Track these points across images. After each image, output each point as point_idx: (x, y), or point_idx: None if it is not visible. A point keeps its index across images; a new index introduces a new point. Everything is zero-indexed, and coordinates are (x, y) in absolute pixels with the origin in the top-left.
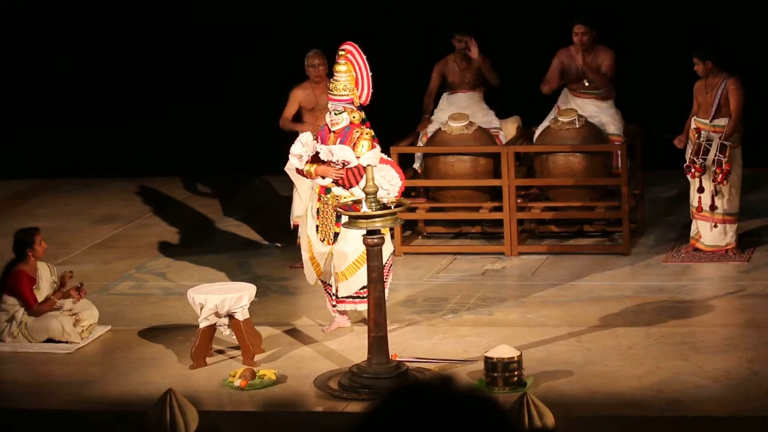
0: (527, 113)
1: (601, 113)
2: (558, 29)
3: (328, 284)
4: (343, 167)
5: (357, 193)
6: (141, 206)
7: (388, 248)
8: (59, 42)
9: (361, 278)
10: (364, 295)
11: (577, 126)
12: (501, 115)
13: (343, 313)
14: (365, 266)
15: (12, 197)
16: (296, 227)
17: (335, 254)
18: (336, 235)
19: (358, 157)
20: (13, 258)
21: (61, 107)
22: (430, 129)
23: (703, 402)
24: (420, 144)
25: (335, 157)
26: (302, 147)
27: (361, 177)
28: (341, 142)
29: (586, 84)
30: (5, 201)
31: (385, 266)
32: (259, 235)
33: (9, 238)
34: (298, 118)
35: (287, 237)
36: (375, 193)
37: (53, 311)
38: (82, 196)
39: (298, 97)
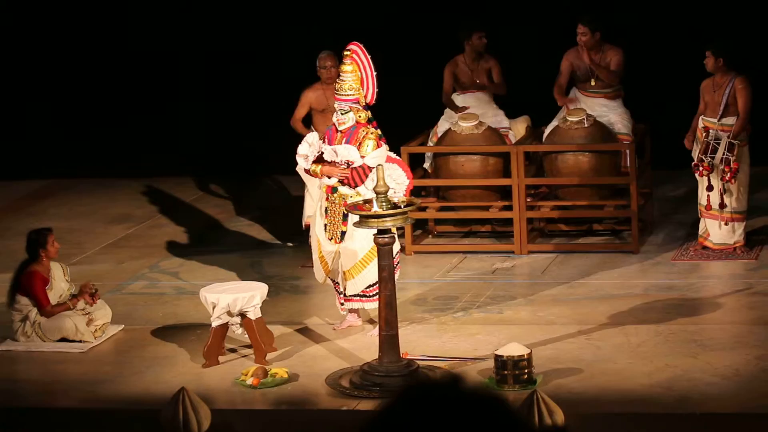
0: (536, 113)
1: (610, 112)
2: (567, 28)
3: (337, 282)
4: (347, 167)
5: (363, 192)
6: (154, 206)
7: (395, 245)
8: (70, 41)
9: (367, 276)
10: (371, 294)
11: (586, 125)
12: (510, 114)
13: (354, 311)
14: (372, 265)
15: (26, 197)
16: (308, 227)
17: (342, 253)
18: (343, 233)
19: (363, 157)
20: (27, 258)
21: (73, 107)
22: (441, 128)
23: (712, 399)
24: (430, 144)
25: (339, 158)
26: (308, 147)
27: (366, 176)
28: (347, 142)
29: (593, 83)
30: (19, 201)
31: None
32: (270, 234)
33: (22, 238)
34: (308, 119)
35: (299, 237)
36: (386, 192)
37: (66, 311)
38: (96, 197)
39: (309, 98)
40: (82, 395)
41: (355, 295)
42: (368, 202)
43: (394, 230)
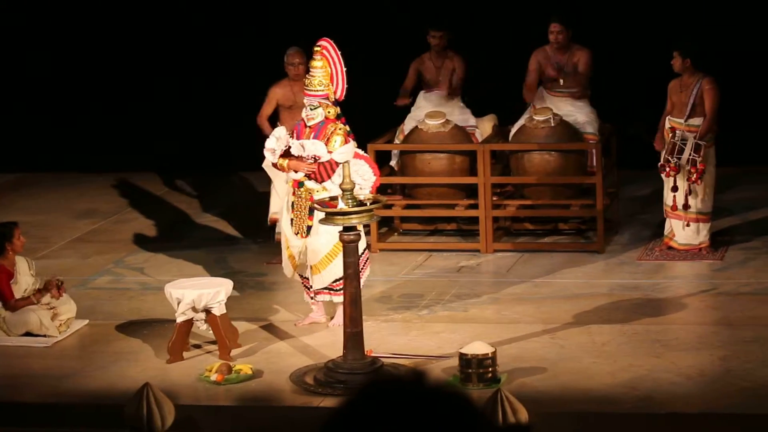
0: (503, 112)
1: (577, 112)
2: (534, 27)
3: (305, 277)
4: (314, 162)
5: (329, 187)
6: (120, 201)
7: (362, 242)
8: (38, 39)
9: (334, 271)
10: (339, 288)
11: (553, 124)
12: (477, 113)
13: (317, 307)
14: (338, 258)
15: None
16: (273, 223)
17: (308, 247)
18: (309, 228)
19: (330, 152)
20: None
21: (43, 102)
22: (407, 126)
23: (676, 399)
24: (397, 141)
25: (306, 152)
26: (276, 141)
27: (333, 171)
28: (315, 137)
29: (561, 83)
30: None
31: (360, 259)
32: (236, 231)
33: None
34: (275, 115)
35: (264, 233)
36: (351, 189)
37: (31, 305)
38: (62, 191)
39: (276, 94)
40: (46, 390)
41: (323, 289)
42: (334, 198)
43: (360, 227)
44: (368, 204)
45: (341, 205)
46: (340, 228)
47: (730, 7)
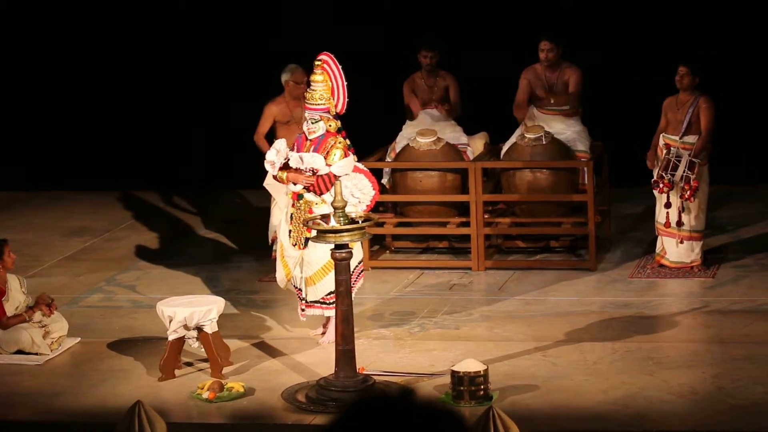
0: (495, 129)
1: (568, 130)
2: (525, 45)
3: (299, 288)
4: (313, 174)
5: (329, 200)
6: (112, 219)
7: (357, 256)
8: (34, 55)
9: (328, 283)
10: (331, 301)
11: (544, 142)
12: (469, 131)
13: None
14: (333, 272)
15: None
16: (274, 241)
17: (305, 259)
18: (307, 240)
19: (329, 165)
20: None
21: (34, 120)
22: (399, 144)
23: (668, 417)
24: (388, 159)
25: (305, 165)
26: (276, 154)
27: (332, 184)
28: (315, 150)
29: (552, 101)
30: None
31: (354, 273)
32: (228, 248)
33: None
34: (272, 132)
35: (262, 250)
36: (343, 207)
37: (22, 323)
38: (54, 209)
39: (273, 112)
40: (37, 408)
41: (315, 302)
42: (326, 216)
43: (352, 245)
44: (360, 222)
45: (333, 223)
46: (332, 246)
47: (726, 25)
